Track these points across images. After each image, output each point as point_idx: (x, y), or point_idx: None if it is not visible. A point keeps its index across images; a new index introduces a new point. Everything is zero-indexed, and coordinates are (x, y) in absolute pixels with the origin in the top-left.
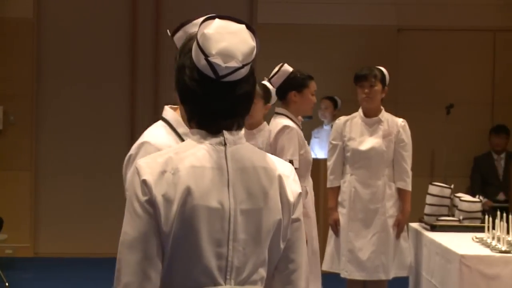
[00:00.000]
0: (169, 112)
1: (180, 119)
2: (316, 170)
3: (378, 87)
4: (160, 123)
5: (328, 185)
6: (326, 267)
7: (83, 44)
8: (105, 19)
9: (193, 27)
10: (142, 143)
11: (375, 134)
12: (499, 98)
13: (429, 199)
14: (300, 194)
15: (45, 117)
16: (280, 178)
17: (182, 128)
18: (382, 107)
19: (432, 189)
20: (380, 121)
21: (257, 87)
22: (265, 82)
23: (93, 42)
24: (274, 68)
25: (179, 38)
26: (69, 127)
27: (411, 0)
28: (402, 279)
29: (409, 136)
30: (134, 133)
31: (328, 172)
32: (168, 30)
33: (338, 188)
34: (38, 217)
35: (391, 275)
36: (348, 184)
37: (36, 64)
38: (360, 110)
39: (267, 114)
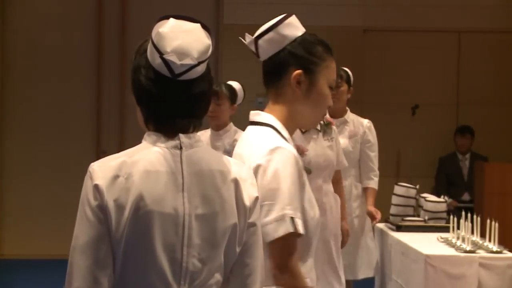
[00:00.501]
0: (268, 116)
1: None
2: None
3: (344, 87)
4: (265, 129)
5: None
6: None
7: (48, 43)
8: (71, 18)
9: (285, 28)
10: (276, 148)
11: (341, 135)
12: (464, 99)
13: (394, 200)
14: (257, 198)
15: (8, 117)
16: (236, 181)
17: (285, 131)
18: (347, 108)
19: (397, 189)
20: (346, 122)
21: (223, 88)
22: (232, 83)
23: (58, 41)
24: (241, 69)
25: (269, 40)
26: (34, 127)
27: (377, 1)
28: (368, 279)
29: (375, 136)
30: (100, 133)
31: None
32: (241, 38)
33: None
34: (2, 218)
35: (359, 276)
36: None
37: (0, 64)
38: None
39: (234, 115)
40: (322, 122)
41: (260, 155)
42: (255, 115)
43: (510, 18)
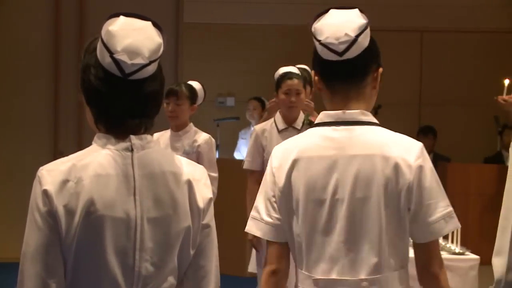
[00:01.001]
0: (371, 116)
1: None
2: (242, 171)
3: (307, 90)
4: (382, 129)
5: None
6: (251, 268)
7: (4, 42)
8: (28, 18)
9: None
10: (422, 147)
11: None
12: (426, 99)
13: None
14: (210, 199)
15: None
16: (189, 183)
17: None
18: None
19: None
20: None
21: (183, 88)
22: (192, 82)
23: (15, 40)
24: (200, 68)
25: (365, 36)
26: None
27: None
28: None
29: None
30: (58, 133)
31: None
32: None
33: None
34: None
35: None
36: None
37: None
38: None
39: (194, 115)
40: (305, 120)
41: (414, 155)
42: (360, 115)
43: (471, 18)
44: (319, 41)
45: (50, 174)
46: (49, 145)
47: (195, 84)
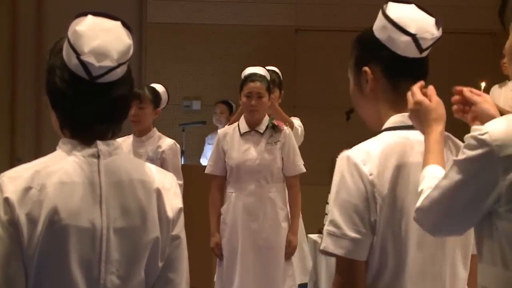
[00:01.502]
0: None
1: None
2: (209, 179)
3: (276, 93)
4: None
5: None
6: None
7: None
8: None
9: None
10: None
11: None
12: None
13: (327, 208)
14: (180, 209)
15: None
16: (158, 191)
17: None
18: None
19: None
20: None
21: (146, 91)
22: (155, 85)
23: None
24: (164, 70)
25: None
26: None
27: None
28: (302, 285)
29: None
30: (14, 139)
31: None
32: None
33: None
34: None
35: (297, 281)
36: None
37: None
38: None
39: (157, 120)
40: (269, 124)
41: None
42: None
43: (449, 19)
44: (407, 33)
45: (12, 181)
46: (5, 152)
47: (159, 87)
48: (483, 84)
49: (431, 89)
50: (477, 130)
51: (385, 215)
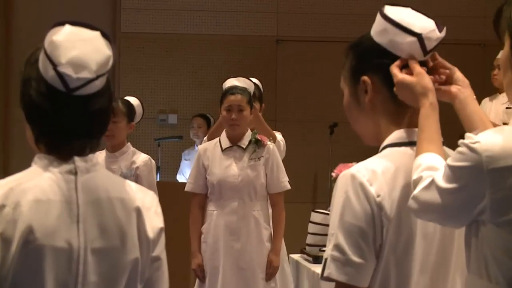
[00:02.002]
0: None
1: None
2: (186, 197)
3: (256, 106)
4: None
5: None
6: None
7: None
8: None
9: None
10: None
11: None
12: None
13: (311, 228)
14: (161, 229)
15: None
16: (138, 210)
17: None
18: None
19: (314, 216)
20: None
21: (120, 104)
22: (129, 98)
23: None
24: (139, 82)
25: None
26: None
27: (291, 8)
28: None
29: None
30: None
31: None
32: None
33: None
34: None
35: None
36: None
37: None
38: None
39: (131, 134)
40: (252, 139)
41: None
42: None
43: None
44: (412, 33)
45: None
46: None
47: (133, 100)
48: None
49: (412, 63)
50: (469, 138)
51: (390, 239)
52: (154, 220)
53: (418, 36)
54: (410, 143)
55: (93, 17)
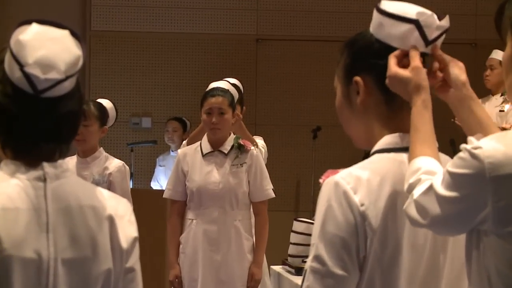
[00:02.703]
0: None
1: None
2: (161, 204)
3: (237, 108)
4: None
5: None
6: None
7: None
8: None
9: None
10: None
11: None
12: None
13: (293, 238)
14: (135, 238)
15: None
16: (111, 219)
17: None
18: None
19: (297, 226)
20: None
21: (92, 107)
22: (102, 100)
23: None
24: (111, 83)
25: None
26: None
27: (272, 5)
28: None
29: None
30: None
31: None
32: None
33: None
34: None
35: None
36: None
37: None
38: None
39: (104, 139)
40: (235, 144)
41: None
42: None
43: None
44: (408, 20)
45: None
46: None
47: (106, 103)
48: None
49: (412, 52)
50: (471, 142)
51: (374, 251)
52: (128, 229)
53: (415, 22)
54: (403, 149)
55: (62, 15)
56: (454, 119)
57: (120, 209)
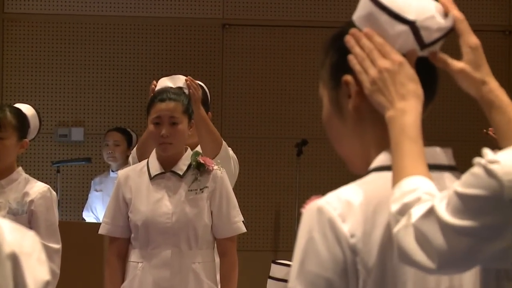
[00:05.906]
0: None
1: None
2: (97, 240)
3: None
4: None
5: None
6: None
7: None
8: None
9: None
10: None
11: None
12: None
13: (271, 286)
14: (47, 283)
15: None
16: (14, 258)
17: None
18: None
19: (275, 270)
20: None
21: (8, 114)
22: (20, 106)
23: None
24: (30, 82)
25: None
26: None
27: None
28: None
29: None
30: None
31: None
32: None
33: None
34: None
35: None
36: None
37: None
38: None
39: (23, 156)
40: (193, 162)
41: None
42: (446, 154)
43: None
44: (403, 20)
45: None
46: None
47: (26, 109)
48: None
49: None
50: (486, 155)
51: None
52: (38, 270)
53: (411, 24)
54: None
55: None
56: (487, 130)
57: (26, 245)
